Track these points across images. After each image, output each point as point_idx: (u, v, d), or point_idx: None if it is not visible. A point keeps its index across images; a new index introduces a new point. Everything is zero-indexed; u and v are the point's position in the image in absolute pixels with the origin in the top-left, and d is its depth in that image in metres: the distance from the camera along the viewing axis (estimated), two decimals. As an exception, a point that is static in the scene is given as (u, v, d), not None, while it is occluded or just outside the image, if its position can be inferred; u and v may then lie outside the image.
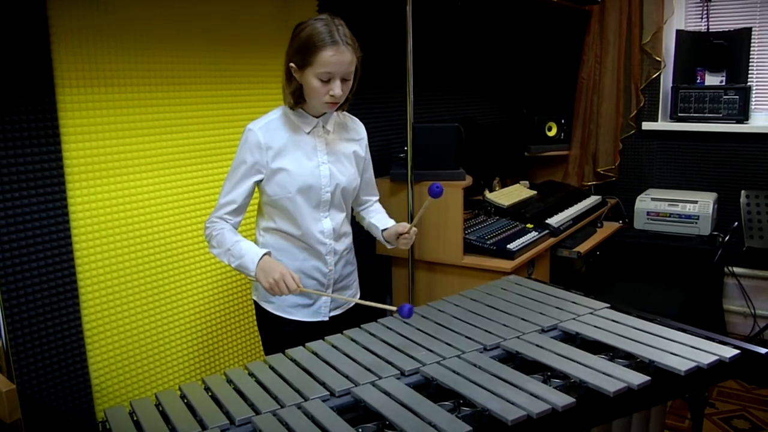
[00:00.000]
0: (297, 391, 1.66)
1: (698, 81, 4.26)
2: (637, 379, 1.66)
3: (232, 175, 2.07)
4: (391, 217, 2.39)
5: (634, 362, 1.80)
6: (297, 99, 2.06)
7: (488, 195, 3.84)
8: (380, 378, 1.71)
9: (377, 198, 2.43)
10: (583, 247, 3.66)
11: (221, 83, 2.63)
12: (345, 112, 2.25)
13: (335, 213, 2.20)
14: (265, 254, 2.01)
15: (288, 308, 2.20)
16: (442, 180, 3.23)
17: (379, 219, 2.36)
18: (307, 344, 1.93)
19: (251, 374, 1.78)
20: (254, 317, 2.32)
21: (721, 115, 4.18)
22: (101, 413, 2.26)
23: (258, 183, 2.09)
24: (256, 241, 2.20)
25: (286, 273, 1.95)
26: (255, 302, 2.27)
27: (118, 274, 2.36)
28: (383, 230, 2.29)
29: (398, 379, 1.71)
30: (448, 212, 3.22)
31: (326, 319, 2.25)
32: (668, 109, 4.38)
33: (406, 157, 3.21)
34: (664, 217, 4.09)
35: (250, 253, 2.02)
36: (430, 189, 1.97)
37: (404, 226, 2.23)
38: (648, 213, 4.12)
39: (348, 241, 2.29)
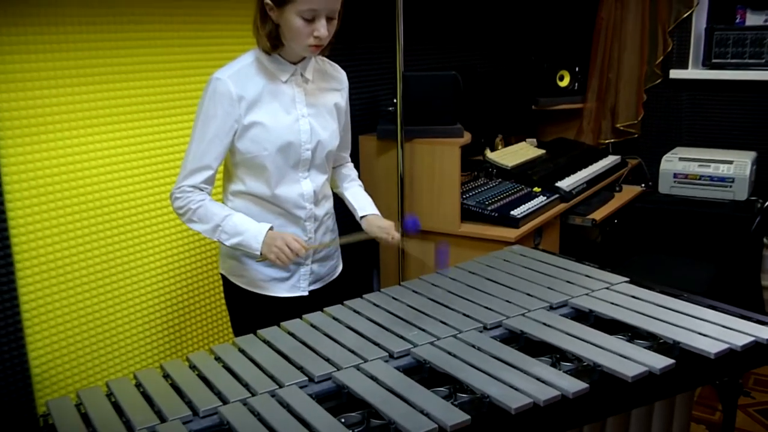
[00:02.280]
0: (270, 376, 1.68)
1: (738, 21, 4.25)
2: (660, 362, 1.68)
3: (200, 134, 2.05)
4: (374, 189, 2.42)
5: (656, 343, 1.82)
6: (274, 42, 2.05)
7: (489, 155, 3.85)
8: (366, 361, 1.73)
9: (348, 157, 2.45)
10: (599, 214, 3.68)
11: (182, 22, 2.61)
12: (324, 58, 2.24)
13: (316, 174, 2.21)
14: (268, 229, 2.06)
15: (261, 282, 2.21)
16: (436, 137, 3.24)
17: (356, 197, 2.38)
18: (282, 324, 1.95)
19: (218, 358, 1.79)
20: (222, 294, 2.34)
21: (764, 60, 4.18)
22: (43, 406, 2.27)
23: (231, 142, 2.09)
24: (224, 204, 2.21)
25: (287, 237, 2.04)
26: (223, 276, 2.29)
27: (62, 246, 2.36)
28: (362, 216, 2.33)
29: (386, 362, 1.73)
30: (443, 174, 3.23)
31: (305, 293, 2.27)
32: (700, 55, 4.38)
33: (395, 111, 3.21)
34: (694, 180, 4.11)
35: (250, 229, 2.06)
36: (405, 224, 2.06)
37: (389, 227, 2.26)
38: (675, 175, 4.15)
39: (329, 205, 2.31)
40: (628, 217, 4.13)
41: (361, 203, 2.36)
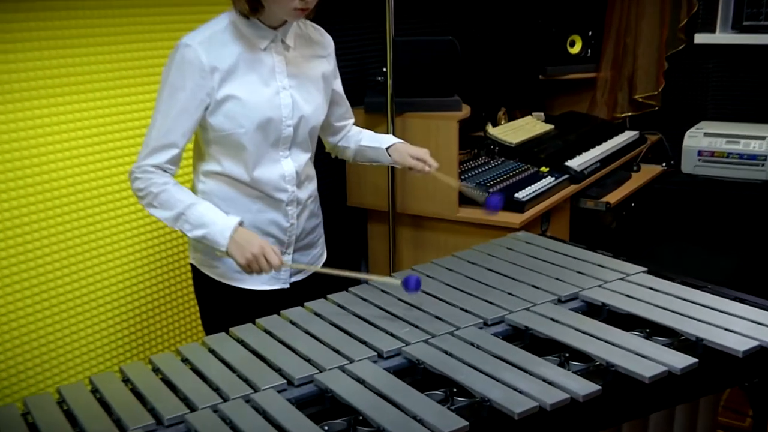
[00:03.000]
0: (245, 380, 1.69)
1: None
2: (681, 361, 1.70)
3: (165, 108, 2.04)
4: (362, 168, 2.43)
5: (676, 341, 1.84)
6: (253, 4, 2.03)
7: (491, 130, 3.85)
8: (352, 362, 1.74)
9: (353, 120, 2.48)
10: (614, 197, 3.70)
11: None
12: (307, 21, 2.24)
13: (298, 153, 2.21)
14: (238, 223, 2.04)
15: (237, 274, 2.21)
16: (431, 111, 3.25)
17: (373, 138, 2.43)
18: (257, 321, 1.96)
19: (185, 360, 1.80)
20: (192, 287, 2.34)
21: (801, 23, 4.20)
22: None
23: (202, 117, 2.08)
24: (193, 189, 2.21)
25: (266, 247, 2.01)
26: (193, 267, 2.29)
27: (5, 235, 2.36)
28: (389, 147, 2.37)
29: (375, 362, 1.75)
30: (439, 152, 3.22)
31: (286, 286, 2.28)
32: (730, 17, 4.39)
33: (384, 82, 3.21)
34: (721, 158, 4.14)
35: (217, 222, 2.04)
36: (488, 201, 2.21)
37: (423, 153, 2.33)
38: (699, 153, 4.17)
39: (312, 187, 2.32)
40: (646, 200, 4.15)
41: (380, 138, 2.41)
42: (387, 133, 3.22)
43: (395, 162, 2.38)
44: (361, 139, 2.44)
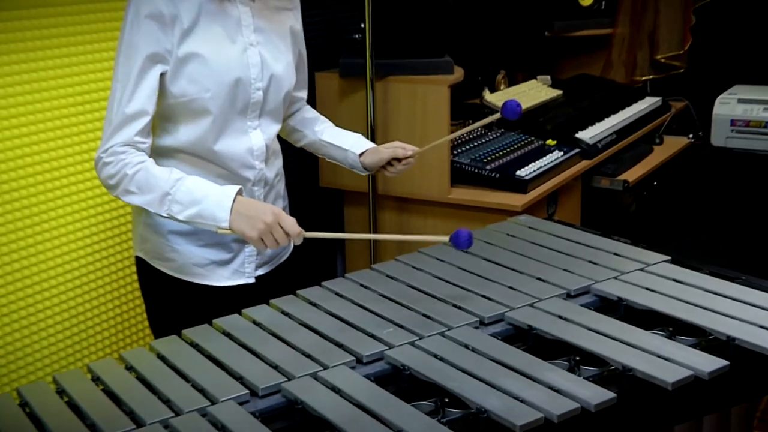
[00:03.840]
0: (200, 390, 1.68)
1: None
2: (709, 364, 1.71)
3: (124, 72, 2.02)
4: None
5: (704, 340, 1.85)
6: None
7: (489, 97, 3.85)
8: (326, 368, 1.75)
9: (305, 99, 2.48)
10: (633, 175, 3.71)
11: None
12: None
13: (269, 123, 2.22)
14: (237, 192, 2.01)
15: (196, 268, 2.22)
16: (418, 74, 3.24)
17: (339, 137, 2.42)
18: (215, 321, 1.96)
19: (129, 368, 1.79)
20: (138, 283, 2.34)
21: None
22: None
23: (159, 81, 2.06)
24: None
25: (279, 213, 1.98)
26: (139, 260, 2.29)
27: None
28: (361, 154, 2.37)
29: (353, 368, 1.75)
30: (427, 123, 3.24)
31: (251, 280, 2.29)
32: (765, -37, 4.40)
33: (362, 41, 3.20)
34: (757, 128, 4.15)
35: (210, 195, 2.00)
36: (505, 107, 2.15)
37: (402, 149, 2.33)
38: (733, 122, 4.19)
39: (279, 164, 2.33)
40: (671, 178, 4.16)
41: (351, 140, 2.41)
42: (366, 102, 3.22)
43: (369, 165, 2.38)
44: (323, 133, 2.43)
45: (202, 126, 2.11)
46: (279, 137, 2.37)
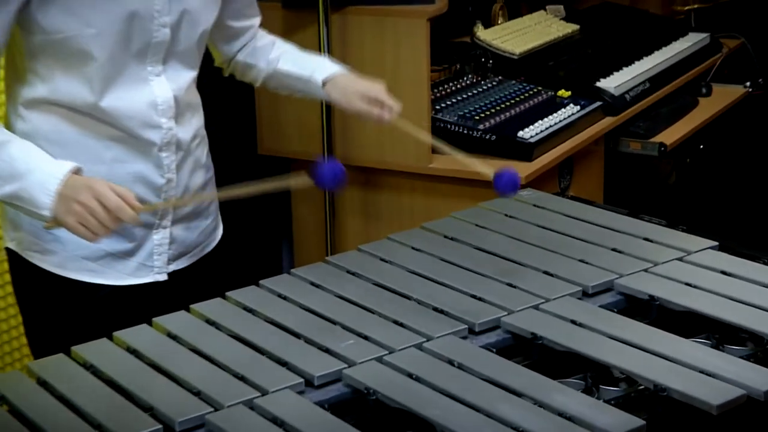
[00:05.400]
0: (97, 428, 1.67)
1: None
2: (766, 381, 1.71)
3: None
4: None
5: (760, 350, 1.86)
6: None
7: (482, 34, 3.86)
8: (265, 394, 1.74)
9: (259, 20, 2.48)
10: (672, 136, 3.73)
11: None
12: None
13: (177, 69, 2.21)
14: (71, 171, 1.99)
15: (84, 261, 2.21)
16: (389, 4, 3.22)
17: (298, 61, 2.44)
18: (116, 334, 1.95)
19: (1, 398, 1.78)
20: (10, 282, 2.33)
21: None
22: None
23: (22, 10, 2.03)
24: (9, 127, 2.18)
25: (101, 188, 1.94)
26: (11, 253, 2.28)
27: None
28: (325, 81, 2.38)
29: (301, 393, 1.75)
30: (399, 69, 3.24)
31: (163, 277, 2.29)
32: None
33: (313, -40, 3.20)
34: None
35: (37, 170, 1.98)
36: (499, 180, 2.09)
37: (377, 92, 2.36)
38: (802, 66, 4.21)
39: (198, 122, 2.32)
40: (721, 140, 4.18)
41: (311, 63, 2.42)
42: (319, 41, 3.21)
43: (335, 102, 2.41)
44: (279, 60, 2.44)
45: (83, 73, 2.10)
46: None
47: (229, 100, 3.29)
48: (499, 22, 4.07)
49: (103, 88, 2.11)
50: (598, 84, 3.66)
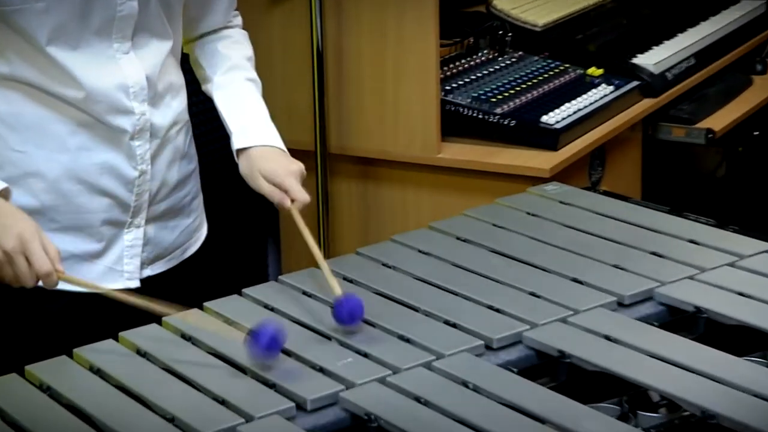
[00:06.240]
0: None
1: None
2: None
3: None
4: (267, 80, 2.47)
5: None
6: None
7: (499, 2, 3.85)
8: (251, 420, 1.73)
9: (235, 19, 2.49)
10: (721, 121, 3.73)
11: None
12: None
13: (149, 43, 2.22)
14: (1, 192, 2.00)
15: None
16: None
17: (232, 107, 2.41)
18: (77, 351, 1.94)
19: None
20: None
21: None
22: None
23: None
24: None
25: (30, 237, 1.93)
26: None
27: None
28: (240, 150, 2.35)
29: (291, 420, 1.74)
30: (404, 44, 3.25)
31: (134, 284, 2.30)
32: None
33: None
34: None
35: None
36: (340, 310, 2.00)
37: (286, 175, 2.29)
38: None
39: (179, 106, 2.34)
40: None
41: (244, 121, 2.39)
42: (310, 13, 3.20)
43: (243, 175, 2.37)
44: (220, 87, 2.43)
45: (39, 51, 2.11)
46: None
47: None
48: (520, -13, 4.08)
49: (62, 68, 2.12)
50: (634, 60, 3.67)
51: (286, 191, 2.29)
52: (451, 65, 3.55)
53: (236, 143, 2.36)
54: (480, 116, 3.28)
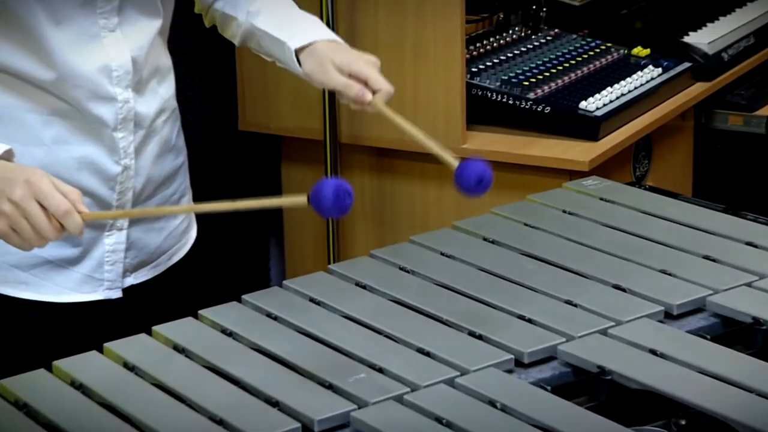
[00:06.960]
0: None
1: None
2: None
3: None
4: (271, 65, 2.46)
5: None
6: None
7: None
8: (248, 443, 1.75)
9: None
10: (783, 109, 3.73)
11: None
12: None
13: (136, 20, 2.24)
14: (1, 154, 1.99)
15: (15, 270, 2.22)
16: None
17: (277, 17, 2.42)
18: (56, 364, 1.95)
19: None
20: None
21: None
22: None
23: None
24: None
25: (38, 180, 1.89)
26: None
27: None
28: (300, 48, 2.35)
29: (297, 443, 1.76)
30: (425, 21, 3.25)
31: (116, 294, 2.31)
32: None
33: None
34: None
35: None
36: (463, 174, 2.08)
37: (361, 68, 2.30)
38: None
39: (166, 92, 2.35)
40: None
41: (296, 26, 2.40)
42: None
43: (308, 75, 2.36)
44: (259, 13, 2.43)
45: (16, 28, 2.12)
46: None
47: (205, 63, 3.31)
48: (556, -41, 4.09)
49: (40, 50, 2.13)
50: (685, 39, 3.67)
51: (365, 82, 2.29)
52: (478, 44, 3.56)
53: (296, 42, 2.35)
54: (510, 102, 3.29)
